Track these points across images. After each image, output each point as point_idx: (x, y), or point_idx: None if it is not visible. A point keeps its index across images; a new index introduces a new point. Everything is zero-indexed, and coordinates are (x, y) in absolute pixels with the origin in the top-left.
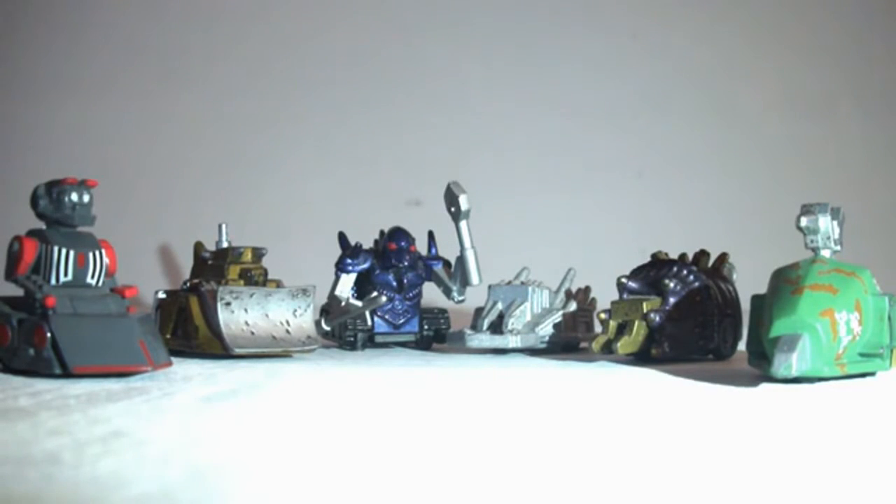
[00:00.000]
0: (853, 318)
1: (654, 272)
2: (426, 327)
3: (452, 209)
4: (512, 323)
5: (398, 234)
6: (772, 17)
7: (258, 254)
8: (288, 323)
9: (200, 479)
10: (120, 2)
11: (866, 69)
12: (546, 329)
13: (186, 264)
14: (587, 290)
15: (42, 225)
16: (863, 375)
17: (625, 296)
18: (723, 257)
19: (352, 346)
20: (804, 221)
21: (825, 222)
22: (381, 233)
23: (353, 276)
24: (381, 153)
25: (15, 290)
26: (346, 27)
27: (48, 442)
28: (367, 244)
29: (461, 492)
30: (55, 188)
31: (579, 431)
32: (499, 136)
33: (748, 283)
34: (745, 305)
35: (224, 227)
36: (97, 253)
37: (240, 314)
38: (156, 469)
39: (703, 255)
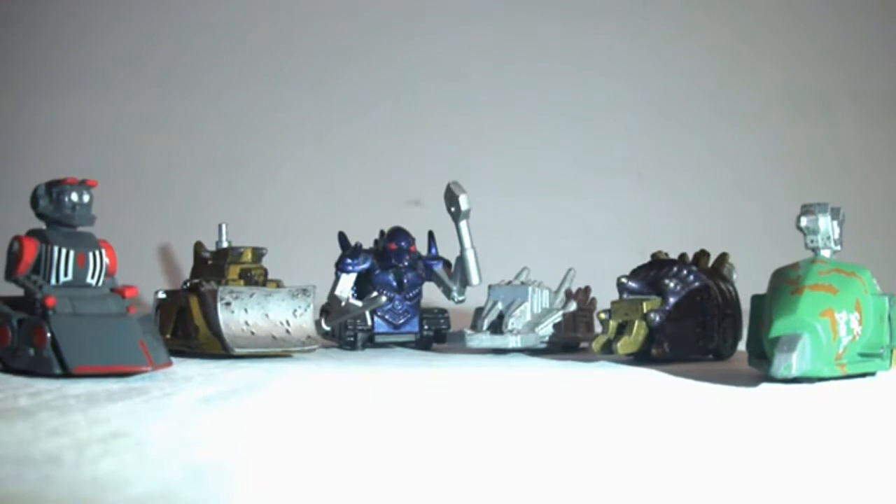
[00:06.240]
0: (853, 318)
1: (654, 272)
2: (426, 327)
3: (452, 209)
4: (512, 323)
5: (398, 234)
6: (772, 17)
7: (258, 254)
8: (288, 323)
9: (200, 478)
10: (120, 2)
11: (866, 69)
12: (546, 329)
13: (186, 264)
14: (587, 290)
15: (42, 225)
16: (863, 375)
17: (625, 296)
18: (723, 257)
19: (352, 346)
20: (804, 221)
21: (825, 222)
22: (381, 233)
23: (353, 276)
24: (381, 153)
25: (15, 290)
26: (346, 27)
27: (48, 442)
28: (367, 244)
29: (461, 492)
30: (55, 188)
31: (579, 431)
32: (499, 136)
33: (748, 283)
34: (745, 305)
35: (224, 227)
36: (97, 253)
37: (240, 314)
38: (155, 469)
39: (703, 255)
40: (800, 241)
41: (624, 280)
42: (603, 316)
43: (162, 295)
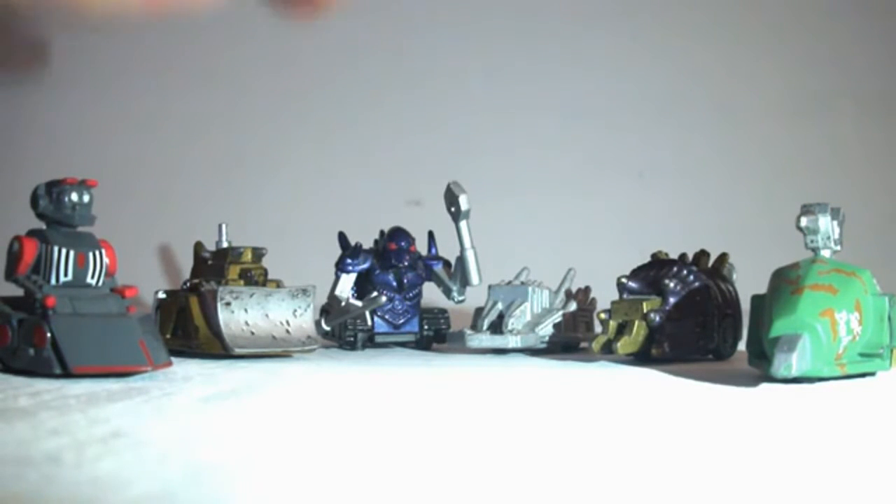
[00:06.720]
0: (853, 318)
1: (654, 272)
2: (426, 327)
3: (452, 209)
4: (512, 323)
5: (398, 234)
6: (772, 17)
7: (258, 254)
8: (288, 323)
9: (200, 478)
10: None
11: (866, 69)
12: (546, 329)
13: (186, 264)
14: (587, 290)
15: (42, 225)
16: (863, 375)
17: (625, 296)
18: (723, 257)
19: (352, 346)
20: (804, 221)
21: (825, 222)
22: (381, 233)
23: (353, 276)
24: (381, 153)
25: (15, 290)
26: (346, 26)
27: (48, 442)
28: (367, 244)
29: (461, 492)
30: (55, 188)
31: (579, 431)
32: (499, 136)
33: (748, 283)
34: (745, 305)
35: (224, 227)
36: (97, 253)
37: (240, 314)
38: (156, 469)
39: (703, 255)
40: (800, 241)
41: (624, 280)
42: (603, 316)
43: (162, 295)
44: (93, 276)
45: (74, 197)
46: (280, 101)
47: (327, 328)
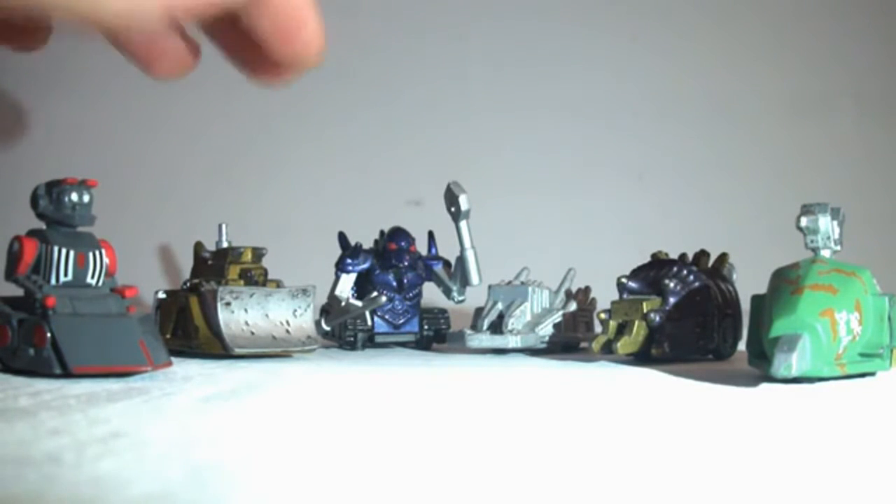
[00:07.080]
0: (853, 317)
1: (654, 272)
2: (426, 327)
3: (452, 209)
4: (512, 323)
5: (398, 234)
6: (772, 18)
7: (258, 254)
8: (288, 323)
9: (200, 478)
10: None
11: (866, 70)
12: (546, 329)
13: (186, 264)
14: (587, 290)
15: (42, 225)
16: (863, 375)
17: (625, 296)
18: (723, 257)
19: (352, 346)
20: (804, 221)
21: (825, 222)
22: (381, 233)
23: (353, 276)
24: (381, 153)
25: (15, 290)
26: (347, 28)
27: (48, 442)
28: (367, 244)
29: (461, 491)
30: (55, 188)
31: (579, 431)
32: (499, 136)
33: (748, 283)
34: (745, 305)
35: (224, 227)
36: (97, 253)
37: (240, 314)
38: (156, 469)
39: (703, 255)
40: (800, 241)
41: (624, 280)
42: (603, 316)
43: (162, 295)
44: (93, 276)
45: (74, 197)
46: (280, 101)
47: (327, 328)
